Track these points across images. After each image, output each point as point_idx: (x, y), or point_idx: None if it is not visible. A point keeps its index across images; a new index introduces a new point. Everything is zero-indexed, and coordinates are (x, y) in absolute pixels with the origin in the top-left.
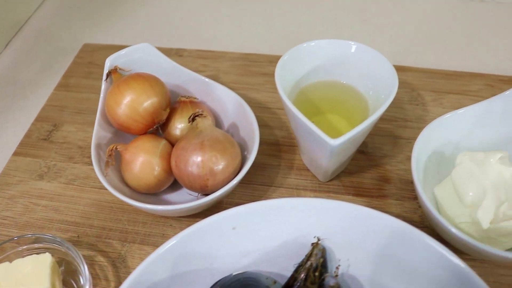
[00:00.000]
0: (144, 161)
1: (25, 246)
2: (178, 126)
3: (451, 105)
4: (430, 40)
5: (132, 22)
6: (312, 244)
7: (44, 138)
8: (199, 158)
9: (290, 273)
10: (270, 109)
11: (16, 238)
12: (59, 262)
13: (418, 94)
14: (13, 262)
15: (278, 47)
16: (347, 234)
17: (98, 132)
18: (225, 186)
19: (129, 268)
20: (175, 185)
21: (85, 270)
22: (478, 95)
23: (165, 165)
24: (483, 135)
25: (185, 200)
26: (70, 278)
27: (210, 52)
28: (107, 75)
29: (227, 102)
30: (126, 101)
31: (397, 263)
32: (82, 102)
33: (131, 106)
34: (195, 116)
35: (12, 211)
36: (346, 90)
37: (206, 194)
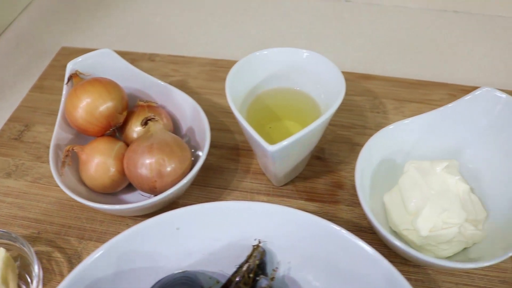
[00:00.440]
0: (99, 162)
1: None
2: (135, 129)
3: (412, 113)
4: (400, 49)
5: (111, 27)
6: (253, 246)
7: (15, 138)
8: (147, 161)
9: None
10: (232, 114)
11: None
12: (15, 257)
13: (380, 102)
14: None
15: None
16: (288, 238)
17: (58, 133)
18: (173, 187)
19: None
20: (133, 185)
21: (35, 265)
22: (439, 104)
23: (120, 166)
24: (434, 144)
25: (140, 200)
26: (25, 272)
27: (182, 57)
28: (68, 79)
29: (185, 107)
30: (82, 104)
31: (334, 266)
32: (54, 103)
33: (87, 110)
34: (147, 120)
35: None
36: (300, 96)
37: (156, 195)
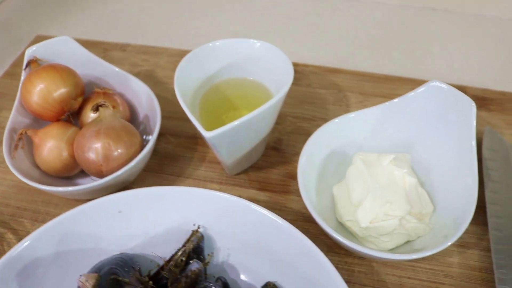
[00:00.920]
0: (51, 146)
1: None
2: (90, 116)
3: None
4: (375, 45)
5: (89, 17)
6: (192, 231)
7: None
8: (94, 145)
9: None
10: None
11: None
12: None
13: (344, 96)
14: None
15: None
16: (228, 225)
17: (15, 117)
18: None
19: None
20: None
21: None
22: None
23: (72, 151)
24: (387, 137)
25: None
26: None
27: (153, 48)
28: (27, 65)
29: (141, 95)
30: (36, 90)
31: (272, 254)
32: None
33: (41, 95)
34: (98, 106)
35: None
36: (254, 86)
37: None
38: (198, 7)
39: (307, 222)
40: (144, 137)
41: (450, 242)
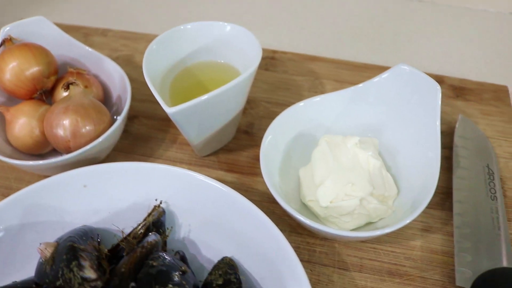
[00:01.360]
0: (23, 123)
1: None
2: (63, 95)
3: None
4: (357, 35)
5: (72, 3)
6: (154, 206)
7: None
8: (62, 121)
9: None
10: None
11: None
12: None
13: (320, 83)
14: None
15: None
16: (189, 201)
17: None
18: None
19: None
20: None
21: None
22: None
23: (43, 128)
24: (355, 121)
25: None
26: None
27: (133, 33)
28: (1, 44)
29: (115, 76)
30: (8, 68)
31: (230, 229)
32: None
33: (13, 73)
34: (69, 84)
35: None
36: (226, 68)
37: None
38: None
39: (273, 203)
40: (116, 117)
41: (408, 220)
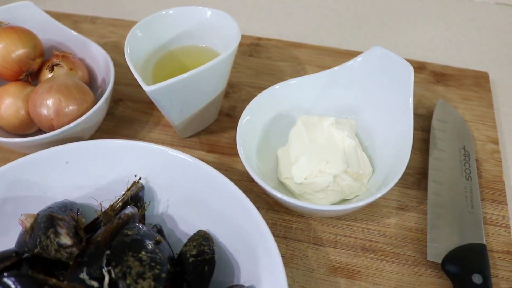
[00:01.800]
0: (8, 103)
1: None
2: (48, 76)
3: None
4: (341, 23)
5: None
6: (133, 182)
7: None
8: (45, 100)
9: None
10: None
11: None
12: None
13: (302, 68)
14: None
15: None
16: (168, 178)
17: None
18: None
19: None
20: None
21: None
22: None
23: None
24: (334, 102)
25: None
26: None
27: (121, 20)
28: None
29: (99, 60)
30: None
31: (207, 204)
32: None
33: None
34: (53, 65)
35: None
36: (208, 52)
37: None
38: None
39: (251, 182)
40: None
41: (379, 195)
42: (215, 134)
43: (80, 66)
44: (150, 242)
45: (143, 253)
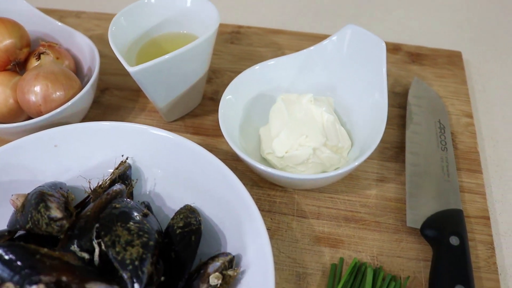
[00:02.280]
0: None
1: None
2: (36, 64)
3: None
4: (319, 9)
5: None
6: (121, 161)
7: None
8: (33, 87)
9: None
10: None
11: None
12: None
13: (282, 53)
14: None
15: None
16: (154, 156)
17: None
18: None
19: None
20: None
21: None
22: None
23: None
24: (312, 81)
25: None
26: None
27: (106, 14)
28: None
29: (85, 49)
30: None
31: (193, 181)
32: None
33: None
34: (40, 53)
35: None
36: (188, 38)
37: None
38: None
39: (235, 161)
40: None
41: (357, 163)
42: (200, 117)
43: (66, 55)
44: (138, 214)
45: (131, 223)
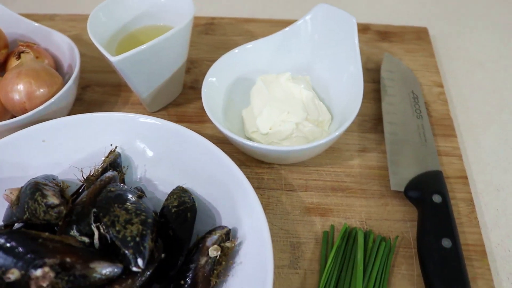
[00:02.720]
0: None
1: None
2: (16, 63)
3: None
4: None
5: None
6: (110, 150)
7: None
8: (16, 85)
9: None
10: None
11: None
12: None
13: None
14: None
15: None
16: (143, 143)
17: None
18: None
19: None
20: None
21: None
22: None
23: None
24: (288, 61)
25: None
26: None
27: (80, 15)
28: None
29: (64, 47)
30: None
31: (182, 163)
32: None
33: None
34: (20, 52)
35: None
36: (166, 30)
37: None
38: None
39: (221, 144)
40: None
41: (337, 133)
42: (182, 106)
43: (45, 54)
44: (133, 196)
45: (128, 204)
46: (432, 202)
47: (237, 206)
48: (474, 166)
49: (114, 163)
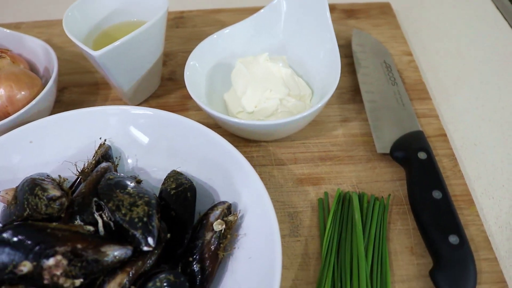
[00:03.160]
0: None
1: None
2: None
3: None
4: None
5: None
6: (100, 144)
7: None
8: None
9: None
10: None
11: None
12: None
13: None
14: None
15: None
16: (131, 134)
17: None
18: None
19: None
20: None
21: None
22: None
23: None
24: (264, 44)
25: None
26: None
27: (45, 21)
28: None
29: (38, 51)
30: None
31: (172, 148)
32: None
33: None
34: None
35: None
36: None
37: None
38: None
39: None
40: None
41: (320, 105)
42: (163, 97)
43: (20, 60)
44: (132, 181)
45: (129, 189)
46: (418, 158)
47: (234, 181)
48: (450, 126)
49: (106, 155)
